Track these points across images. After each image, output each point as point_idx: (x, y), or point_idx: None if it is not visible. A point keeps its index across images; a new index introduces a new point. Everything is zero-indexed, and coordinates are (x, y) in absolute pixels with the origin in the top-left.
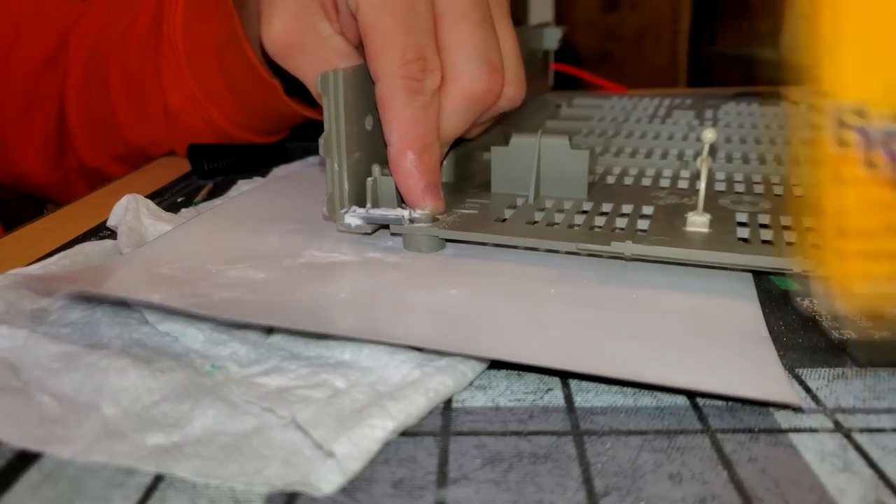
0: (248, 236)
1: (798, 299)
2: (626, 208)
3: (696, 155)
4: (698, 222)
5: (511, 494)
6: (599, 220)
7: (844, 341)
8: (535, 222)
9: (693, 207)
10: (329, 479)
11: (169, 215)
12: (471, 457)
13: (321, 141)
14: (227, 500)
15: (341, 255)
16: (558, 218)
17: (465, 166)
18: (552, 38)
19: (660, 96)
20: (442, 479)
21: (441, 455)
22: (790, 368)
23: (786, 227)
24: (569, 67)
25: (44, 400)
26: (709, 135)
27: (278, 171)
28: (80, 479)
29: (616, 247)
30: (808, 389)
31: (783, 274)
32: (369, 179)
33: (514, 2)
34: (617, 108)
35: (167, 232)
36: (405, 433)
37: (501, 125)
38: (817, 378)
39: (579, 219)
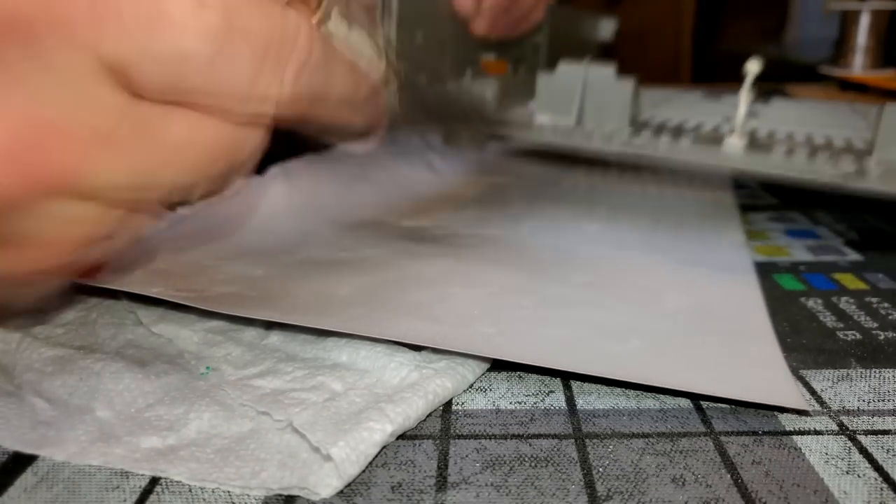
0: (246, 234)
1: (802, 299)
2: (665, 136)
3: (730, 118)
4: (736, 144)
5: (512, 498)
6: (641, 140)
7: None
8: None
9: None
10: (327, 483)
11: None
12: (471, 460)
13: None
14: None
15: (339, 252)
16: (599, 135)
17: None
18: (608, 29)
19: (672, 91)
20: (441, 482)
21: (440, 458)
22: (794, 370)
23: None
24: None
25: (37, 403)
26: (753, 66)
27: (276, 171)
28: (75, 482)
29: (661, 148)
30: (812, 391)
31: (777, 270)
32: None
33: None
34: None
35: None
36: (404, 436)
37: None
38: (822, 380)
39: (621, 136)
